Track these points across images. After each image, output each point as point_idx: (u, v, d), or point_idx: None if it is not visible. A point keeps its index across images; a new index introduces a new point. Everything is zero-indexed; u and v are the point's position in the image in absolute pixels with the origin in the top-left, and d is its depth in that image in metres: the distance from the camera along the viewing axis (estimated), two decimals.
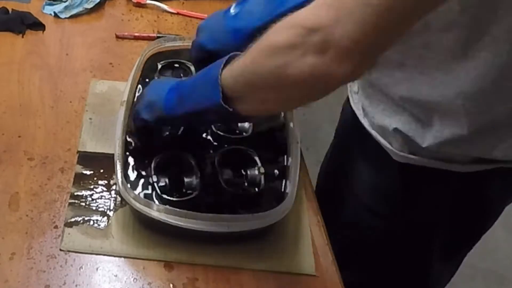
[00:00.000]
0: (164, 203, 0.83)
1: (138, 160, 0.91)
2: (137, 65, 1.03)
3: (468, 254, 1.10)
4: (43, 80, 1.08)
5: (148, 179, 0.87)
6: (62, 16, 1.22)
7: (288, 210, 0.85)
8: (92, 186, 0.91)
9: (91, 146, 0.97)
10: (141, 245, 0.85)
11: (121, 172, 0.84)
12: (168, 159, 0.89)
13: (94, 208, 0.88)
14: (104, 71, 1.12)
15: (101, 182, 0.92)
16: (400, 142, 0.89)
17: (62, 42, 1.17)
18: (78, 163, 0.94)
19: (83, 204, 0.89)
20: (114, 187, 0.91)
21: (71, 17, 1.23)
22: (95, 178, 0.92)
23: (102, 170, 0.93)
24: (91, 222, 0.87)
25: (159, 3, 1.29)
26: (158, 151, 0.89)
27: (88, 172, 0.93)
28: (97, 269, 0.82)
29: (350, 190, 1.04)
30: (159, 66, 1.05)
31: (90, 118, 1.01)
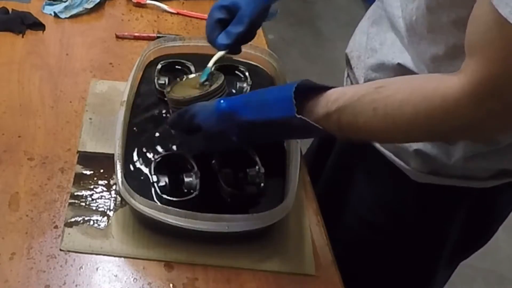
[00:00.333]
0: (164, 203, 0.83)
1: (138, 160, 0.91)
2: (137, 65, 1.03)
3: None
4: (43, 80, 1.08)
5: (148, 179, 0.87)
6: (62, 16, 1.22)
7: (288, 210, 0.85)
8: (92, 186, 0.91)
9: (91, 146, 0.97)
10: (141, 245, 0.85)
11: (121, 172, 0.84)
12: (168, 159, 0.89)
13: (94, 208, 0.88)
14: (104, 71, 1.12)
15: (101, 182, 0.92)
16: (419, 162, 0.87)
17: (62, 42, 1.17)
18: (78, 163, 0.94)
19: (83, 204, 0.89)
20: (114, 187, 0.91)
21: (71, 17, 1.23)
22: (95, 178, 0.92)
23: (102, 170, 0.93)
24: (91, 222, 0.87)
25: (159, 3, 1.29)
26: (157, 151, 0.90)
27: (88, 172, 0.93)
28: (97, 269, 0.82)
29: (350, 206, 1.03)
30: (159, 66, 1.05)
31: (90, 118, 1.01)
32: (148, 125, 0.98)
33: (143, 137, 0.96)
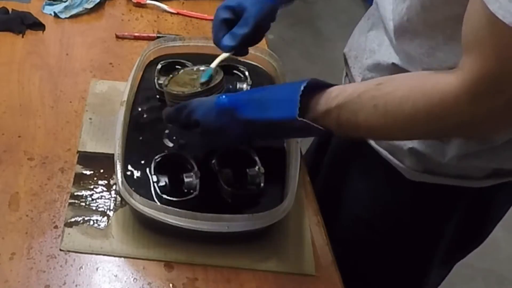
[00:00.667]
0: (164, 203, 0.83)
1: (138, 160, 0.91)
2: (137, 65, 1.03)
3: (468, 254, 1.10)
4: (43, 80, 1.08)
5: (148, 179, 0.87)
6: (62, 16, 1.22)
7: (288, 210, 0.85)
8: (92, 186, 0.91)
9: (91, 146, 0.97)
10: (141, 245, 0.85)
11: (121, 172, 0.84)
12: (168, 159, 0.89)
13: (94, 208, 0.88)
14: (104, 71, 1.12)
15: (101, 182, 0.92)
16: (414, 161, 0.87)
17: (62, 42, 1.17)
18: (78, 163, 0.94)
19: (83, 204, 0.89)
20: (114, 187, 0.91)
21: (71, 17, 1.23)
22: (95, 178, 0.92)
23: (102, 170, 0.93)
24: (91, 222, 0.87)
25: (159, 3, 1.29)
26: (158, 151, 0.90)
27: (88, 172, 0.93)
28: (97, 269, 0.82)
29: (346, 204, 1.03)
30: (159, 66, 1.05)
31: (90, 118, 1.01)
32: (148, 125, 0.98)
33: (143, 137, 0.96)
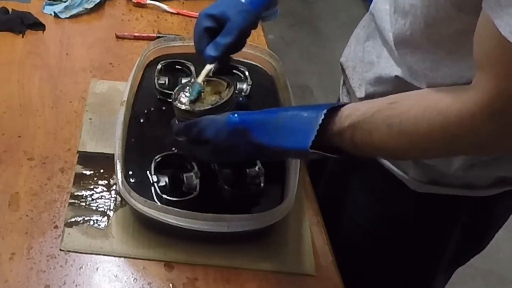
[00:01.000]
0: (164, 203, 0.83)
1: (138, 160, 0.91)
2: (137, 65, 1.03)
3: None
4: (43, 80, 1.08)
5: (148, 179, 0.87)
6: (62, 16, 1.22)
7: (288, 210, 0.85)
8: (92, 186, 0.91)
9: (91, 146, 0.97)
10: (141, 245, 0.85)
11: (121, 172, 0.84)
12: (168, 159, 0.89)
13: (94, 208, 0.88)
14: (104, 71, 1.12)
15: (101, 182, 0.92)
16: (419, 172, 0.86)
17: (62, 42, 1.17)
18: (78, 163, 0.94)
19: (83, 204, 0.89)
20: (114, 187, 0.91)
21: (71, 17, 1.23)
22: (95, 178, 0.92)
23: (102, 170, 0.93)
24: (91, 222, 0.87)
25: (159, 3, 1.29)
26: (158, 151, 0.89)
27: (88, 172, 0.93)
28: (97, 269, 0.82)
29: (347, 213, 1.02)
30: (159, 66, 1.05)
31: (90, 118, 1.01)
32: (148, 125, 0.98)
33: (143, 137, 0.96)
